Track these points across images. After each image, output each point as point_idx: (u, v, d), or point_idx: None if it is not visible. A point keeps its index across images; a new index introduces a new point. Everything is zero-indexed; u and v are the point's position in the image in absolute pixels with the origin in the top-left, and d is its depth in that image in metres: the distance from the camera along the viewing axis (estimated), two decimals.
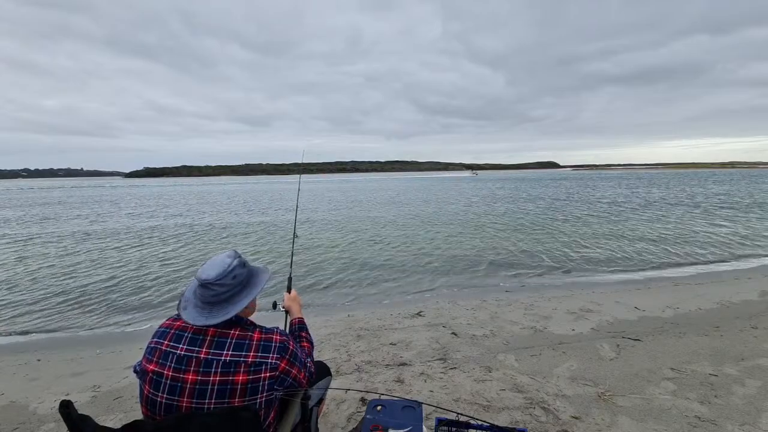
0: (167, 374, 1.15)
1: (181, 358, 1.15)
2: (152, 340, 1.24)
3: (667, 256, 8.31)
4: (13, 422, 2.68)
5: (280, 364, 1.22)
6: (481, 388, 2.78)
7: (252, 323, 1.30)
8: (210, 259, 1.29)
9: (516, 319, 4.33)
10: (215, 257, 1.29)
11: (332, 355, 3.51)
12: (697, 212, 15.95)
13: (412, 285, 6.62)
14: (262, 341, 1.22)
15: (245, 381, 1.15)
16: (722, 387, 2.72)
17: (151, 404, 1.16)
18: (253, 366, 1.17)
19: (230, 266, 1.25)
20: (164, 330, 1.24)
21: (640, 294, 5.41)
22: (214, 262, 1.27)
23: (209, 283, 1.21)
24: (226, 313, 1.21)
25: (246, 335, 1.21)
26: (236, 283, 1.26)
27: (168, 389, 1.14)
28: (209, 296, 1.21)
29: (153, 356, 1.19)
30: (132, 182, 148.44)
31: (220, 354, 1.16)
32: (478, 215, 16.72)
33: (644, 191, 30.81)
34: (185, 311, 1.22)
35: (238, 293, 1.27)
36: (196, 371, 1.13)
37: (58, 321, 5.26)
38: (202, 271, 1.24)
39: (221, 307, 1.22)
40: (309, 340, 1.64)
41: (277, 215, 18.40)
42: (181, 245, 10.73)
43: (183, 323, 1.23)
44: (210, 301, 1.22)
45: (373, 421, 1.52)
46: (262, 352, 1.20)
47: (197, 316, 1.20)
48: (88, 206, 25.65)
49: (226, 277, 1.23)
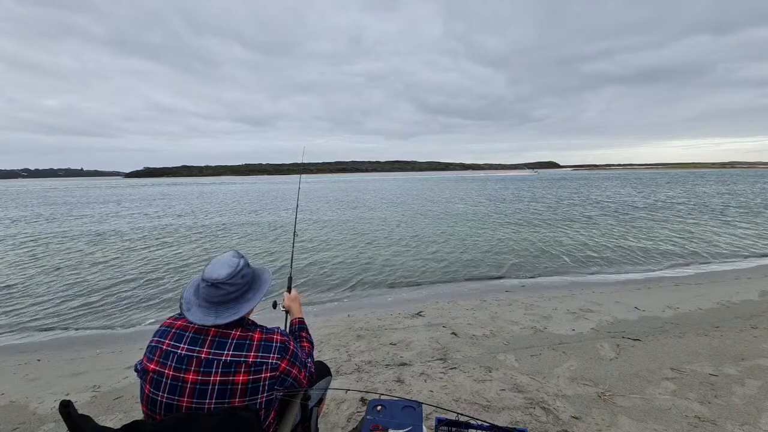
0: (168, 374, 1.15)
1: (182, 357, 1.16)
2: (153, 339, 1.24)
3: (666, 255, 8.32)
4: (13, 422, 2.68)
5: (280, 365, 1.22)
6: (481, 388, 2.78)
7: (253, 323, 1.30)
8: (215, 260, 1.28)
9: (516, 319, 4.33)
10: (221, 257, 1.29)
11: (332, 355, 3.51)
12: (699, 212, 15.96)
13: (413, 285, 6.63)
14: (263, 341, 1.22)
15: (246, 381, 1.15)
16: (722, 387, 2.72)
17: (152, 403, 1.16)
18: (254, 366, 1.17)
19: (239, 266, 1.26)
20: (165, 329, 1.24)
21: (640, 294, 5.41)
22: (222, 261, 1.27)
23: (220, 282, 1.21)
24: (236, 313, 1.21)
25: (247, 335, 1.21)
26: (244, 282, 1.27)
27: (169, 389, 1.14)
28: (218, 296, 1.21)
29: (154, 355, 1.19)
30: (133, 182, 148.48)
31: (221, 354, 1.16)
32: (479, 215, 16.73)
33: (648, 191, 30.82)
34: (189, 312, 1.22)
35: (246, 292, 1.28)
36: (196, 371, 1.14)
37: (58, 321, 5.26)
38: (211, 271, 1.23)
39: (229, 306, 1.22)
40: (309, 340, 1.64)
41: (278, 214, 18.41)
42: (182, 245, 10.73)
43: (184, 323, 1.23)
44: (217, 301, 1.21)
45: (373, 421, 1.52)
46: (262, 353, 1.20)
47: (204, 317, 1.19)
48: (89, 206, 25.65)
49: (235, 276, 1.24)
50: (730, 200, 21.17)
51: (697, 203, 19.85)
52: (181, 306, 1.26)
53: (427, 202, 25.00)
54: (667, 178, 65.90)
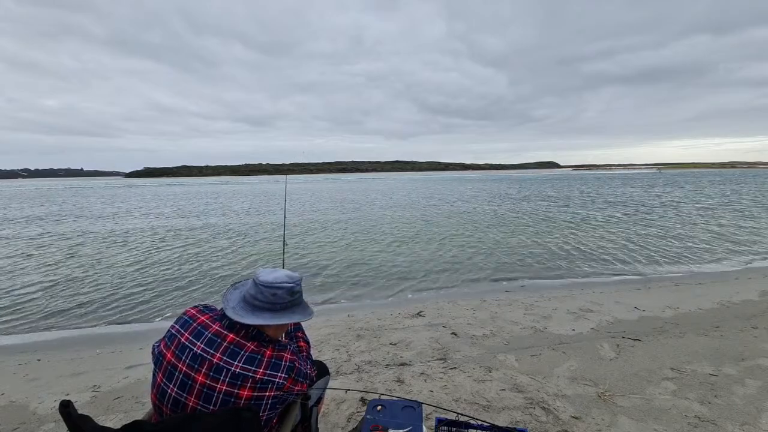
0: (181, 368, 1.17)
1: (197, 356, 1.17)
2: (174, 325, 1.26)
3: (667, 256, 8.32)
4: (13, 422, 2.68)
5: (285, 384, 1.24)
6: (481, 388, 2.79)
7: (269, 339, 1.30)
8: (271, 269, 1.35)
9: (516, 319, 4.33)
10: (275, 269, 1.35)
11: (332, 355, 3.51)
12: (696, 212, 15.96)
13: (413, 285, 6.62)
14: (273, 359, 1.23)
15: (249, 397, 1.16)
16: (722, 387, 2.72)
17: (161, 394, 1.18)
18: (260, 384, 1.18)
19: (297, 280, 1.34)
20: (187, 320, 1.26)
21: (640, 294, 5.41)
22: (282, 272, 1.33)
23: (279, 286, 1.27)
24: (279, 319, 1.27)
25: (259, 350, 1.22)
26: (296, 299, 1.34)
27: (180, 384, 1.16)
28: (271, 300, 1.26)
29: (171, 344, 1.21)
30: (133, 182, 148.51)
31: (231, 363, 1.17)
32: (480, 215, 16.73)
33: (645, 191, 30.82)
34: (232, 310, 1.25)
35: (293, 307, 1.33)
36: (206, 374, 1.15)
37: (58, 321, 5.26)
38: (272, 278, 1.28)
39: (276, 313, 1.27)
40: (305, 339, 1.66)
41: (279, 215, 18.40)
42: (183, 246, 10.73)
43: (207, 319, 1.25)
44: (267, 303, 1.26)
45: (373, 421, 1.52)
46: (271, 370, 1.21)
47: (245, 314, 1.24)
48: (88, 206, 25.64)
49: (295, 287, 1.31)
50: (734, 199, 21.18)
51: (699, 203, 19.84)
52: (225, 306, 1.28)
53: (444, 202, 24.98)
54: (669, 178, 65.77)
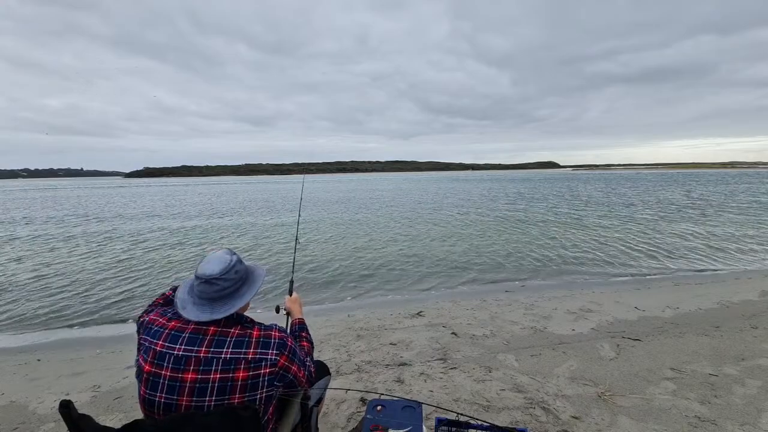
0: (165, 374, 1.15)
1: (180, 358, 1.15)
2: (143, 336, 1.24)
3: (667, 255, 8.32)
4: (13, 422, 2.68)
5: (279, 360, 1.24)
6: (481, 388, 2.78)
7: (251, 320, 1.31)
8: (207, 257, 1.30)
9: (516, 319, 4.33)
10: (213, 254, 1.31)
11: (332, 355, 3.51)
12: (693, 213, 15.96)
13: (413, 285, 6.62)
14: (262, 338, 1.24)
15: (246, 377, 1.16)
16: (722, 387, 2.72)
17: (149, 404, 1.17)
18: (254, 362, 1.18)
19: (231, 262, 1.28)
20: (158, 330, 1.23)
21: (640, 294, 5.41)
22: (214, 258, 1.28)
23: (214, 278, 1.22)
24: (231, 308, 1.23)
25: (245, 333, 1.23)
26: (238, 278, 1.29)
27: (167, 389, 1.14)
28: (212, 292, 1.23)
29: (148, 355, 1.19)
30: (134, 182, 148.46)
31: (221, 352, 1.16)
32: (480, 215, 16.72)
33: (650, 192, 30.82)
34: (185, 310, 1.23)
35: (240, 288, 1.30)
36: (195, 370, 1.14)
37: (58, 321, 5.26)
38: (204, 268, 1.25)
39: (224, 302, 1.24)
40: (309, 339, 1.65)
41: (281, 216, 18.40)
42: (182, 246, 10.73)
43: (179, 323, 1.23)
44: (212, 297, 1.23)
45: (373, 421, 1.52)
46: (261, 348, 1.21)
47: (199, 313, 1.21)
48: (89, 207, 25.64)
49: (229, 272, 1.26)
50: (733, 199, 21.19)
51: (697, 203, 19.84)
52: (175, 305, 1.27)
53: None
54: (671, 178, 65.78)
